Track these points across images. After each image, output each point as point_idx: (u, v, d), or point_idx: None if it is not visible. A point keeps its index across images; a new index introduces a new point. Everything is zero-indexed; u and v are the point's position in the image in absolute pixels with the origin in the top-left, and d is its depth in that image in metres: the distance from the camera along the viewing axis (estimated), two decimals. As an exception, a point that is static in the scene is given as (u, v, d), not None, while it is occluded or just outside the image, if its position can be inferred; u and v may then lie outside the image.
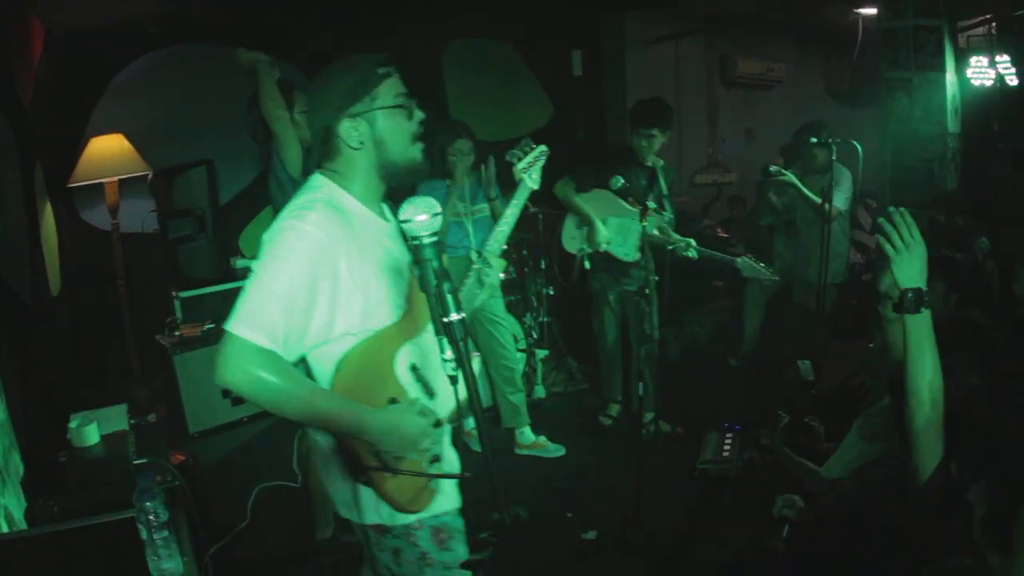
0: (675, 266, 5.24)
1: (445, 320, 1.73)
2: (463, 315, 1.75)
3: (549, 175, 6.75)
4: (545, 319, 6.44)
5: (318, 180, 2.21)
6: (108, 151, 5.56)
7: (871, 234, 8.61)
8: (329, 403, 2.06)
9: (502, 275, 2.76)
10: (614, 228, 5.44)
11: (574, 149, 8.03)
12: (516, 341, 5.85)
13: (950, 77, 6.15)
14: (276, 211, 3.98)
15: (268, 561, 4.17)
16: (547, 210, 6.58)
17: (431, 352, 2.23)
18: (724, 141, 9.84)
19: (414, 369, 2.23)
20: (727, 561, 3.87)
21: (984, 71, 6.19)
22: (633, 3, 8.57)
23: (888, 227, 2.31)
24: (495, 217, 5.00)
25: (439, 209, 1.72)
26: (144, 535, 2.45)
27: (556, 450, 5.43)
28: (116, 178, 5.56)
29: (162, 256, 5.96)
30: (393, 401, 2.16)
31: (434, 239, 1.74)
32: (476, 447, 5.87)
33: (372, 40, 6.64)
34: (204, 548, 3.72)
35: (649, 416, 5.59)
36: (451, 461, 2.45)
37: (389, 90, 2.19)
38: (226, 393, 5.67)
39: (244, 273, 5.91)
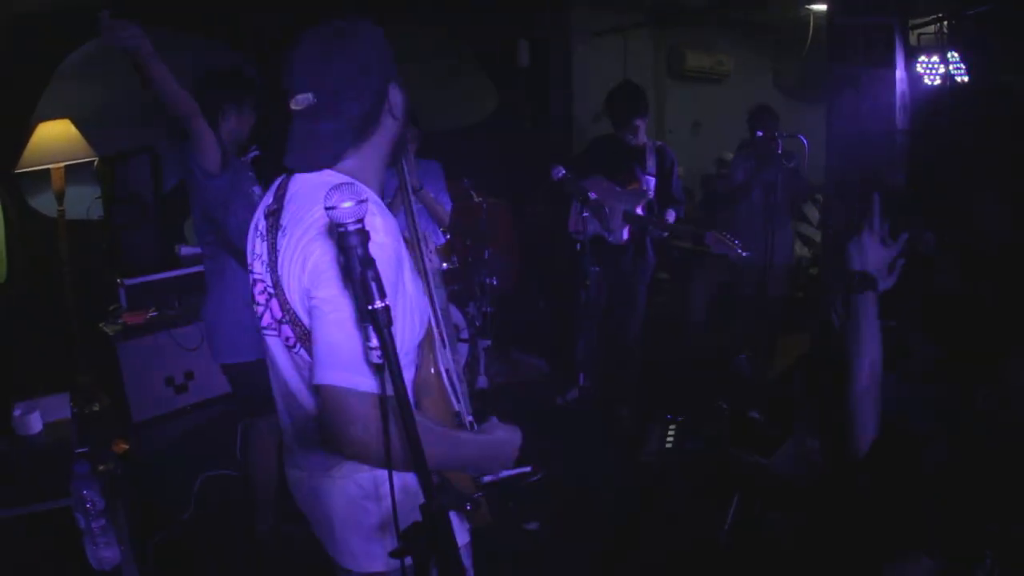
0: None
1: (370, 308, 1.58)
2: (387, 303, 1.58)
3: (493, 166, 6.76)
4: (489, 309, 6.48)
5: (335, 176, 1.87)
6: (55, 137, 5.50)
7: (818, 228, 8.76)
8: (465, 444, 1.97)
9: (445, 265, 2.63)
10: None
11: (519, 139, 8.07)
12: (458, 331, 5.87)
13: (900, 74, 6.19)
14: (201, 214, 3.79)
15: (211, 551, 4.18)
16: (492, 200, 6.61)
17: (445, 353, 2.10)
18: (671, 132, 9.93)
19: (448, 374, 2.07)
20: (670, 551, 3.96)
21: (935, 69, 6.26)
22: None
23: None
24: (426, 206, 5.06)
25: (364, 196, 1.66)
26: (82, 523, 2.47)
27: None
28: (63, 164, 5.51)
29: (107, 243, 5.91)
30: (456, 415, 2.05)
31: (359, 226, 1.58)
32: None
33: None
34: (146, 537, 3.73)
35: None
36: None
37: None
38: (169, 381, 5.66)
39: (188, 261, 5.91)
